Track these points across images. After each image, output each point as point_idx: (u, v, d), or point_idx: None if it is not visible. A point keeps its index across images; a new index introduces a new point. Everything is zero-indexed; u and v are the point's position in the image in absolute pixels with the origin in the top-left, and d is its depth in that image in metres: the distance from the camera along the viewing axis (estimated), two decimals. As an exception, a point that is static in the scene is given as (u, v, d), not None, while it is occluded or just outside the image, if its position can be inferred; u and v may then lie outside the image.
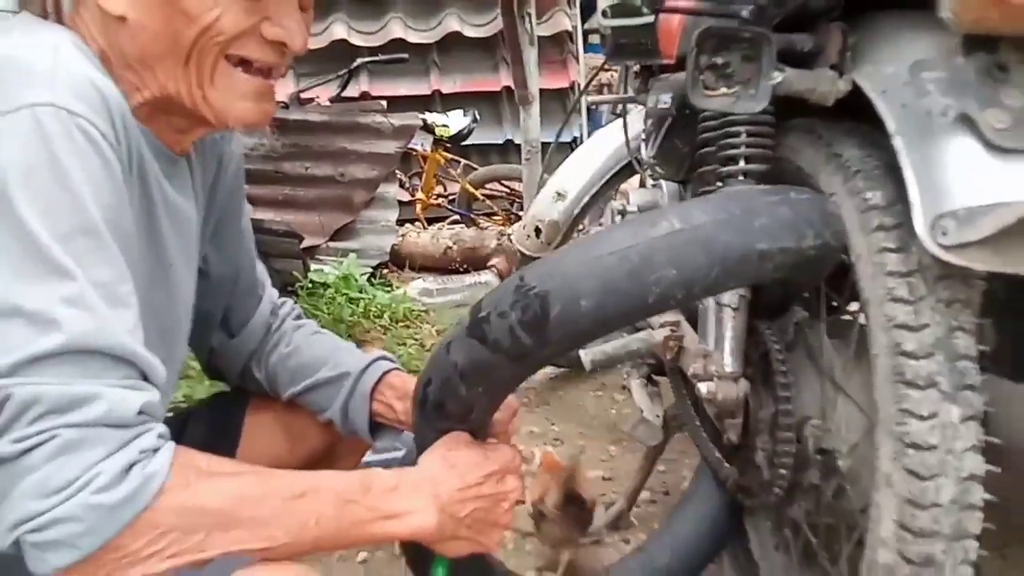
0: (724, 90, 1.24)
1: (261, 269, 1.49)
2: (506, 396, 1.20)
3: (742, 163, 1.35)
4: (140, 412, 0.88)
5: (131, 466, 0.85)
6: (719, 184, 1.37)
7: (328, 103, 5.55)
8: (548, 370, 3.20)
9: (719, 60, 1.24)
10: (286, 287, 3.73)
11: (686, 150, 1.62)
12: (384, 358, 1.44)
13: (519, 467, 1.19)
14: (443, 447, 1.17)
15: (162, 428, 0.92)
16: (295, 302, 1.54)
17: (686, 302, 1.20)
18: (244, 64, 1.08)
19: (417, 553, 1.33)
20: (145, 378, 0.92)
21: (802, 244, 1.12)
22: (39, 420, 0.82)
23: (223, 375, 1.52)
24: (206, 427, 1.46)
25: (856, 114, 1.24)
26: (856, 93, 1.21)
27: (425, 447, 1.20)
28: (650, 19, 1.87)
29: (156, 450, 0.89)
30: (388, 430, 1.45)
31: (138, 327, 0.93)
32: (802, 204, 1.18)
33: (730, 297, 1.45)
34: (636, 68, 2.36)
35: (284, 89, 6.71)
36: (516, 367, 1.12)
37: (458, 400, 1.15)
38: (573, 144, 4.16)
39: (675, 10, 1.41)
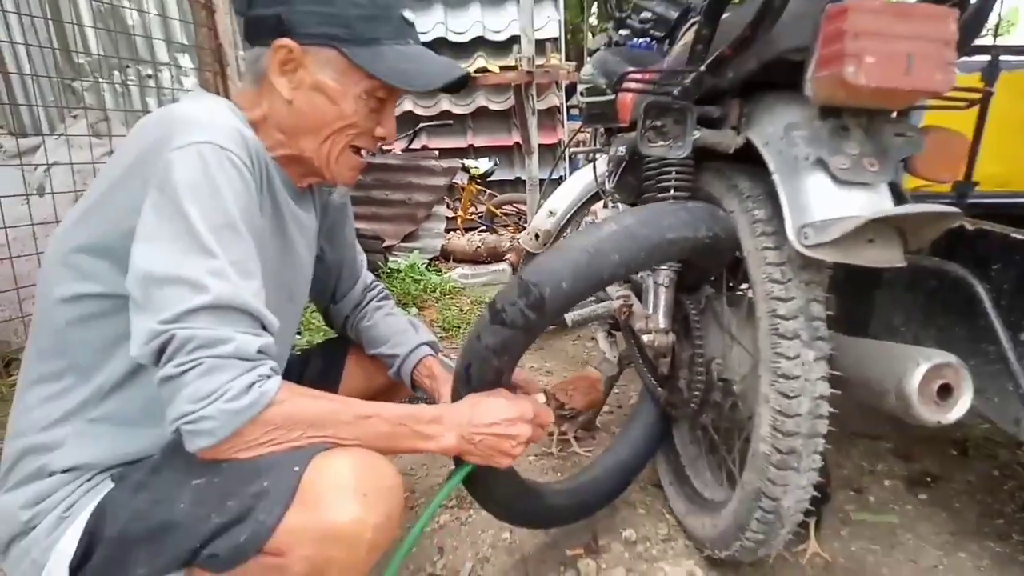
0: (661, 142, 1.23)
1: (362, 261, 1.47)
2: (520, 358, 1.18)
3: (672, 191, 1.34)
4: (259, 351, 0.89)
5: (251, 385, 0.86)
6: (657, 205, 1.36)
7: (400, 152, 5.54)
8: (543, 327, 3.19)
9: (658, 123, 1.22)
10: (374, 271, 3.74)
11: (635, 183, 1.60)
12: (425, 346, 1.38)
13: (532, 416, 1.13)
14: (478, 395, 1.15)
15: (274, 363, 0.92)
16: (379, 281, 1.52)
17: (627, 275, 1.23)
18: (355, 148, 1.10)
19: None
20: (264, 328, 0.92)
21: (697, 234, 1.15)
22: (193, 352, 0.83)
23: (332, 327, 1.51)
24: (322, 362, 1.47)
25: (747, 160, 1.23)
26: (748, 146, 1.20)
27: None
28: (612, 97, 1.87)
29: (269, 377, 0.89)
30: None
31: (261, 292, 0.93)
32: (697, 210, 1.20)
33: (663, 278, 1.45)
34: (602, 130, 2.35)
35: (371, 143, 6.71)
36: (527, 336, 1.12)
37: (493, 371, 1.13)
38: (560, 181, 4.16)
39: (629, 90, 1.39)
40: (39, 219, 2.58)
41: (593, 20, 12.17)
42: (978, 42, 1.32)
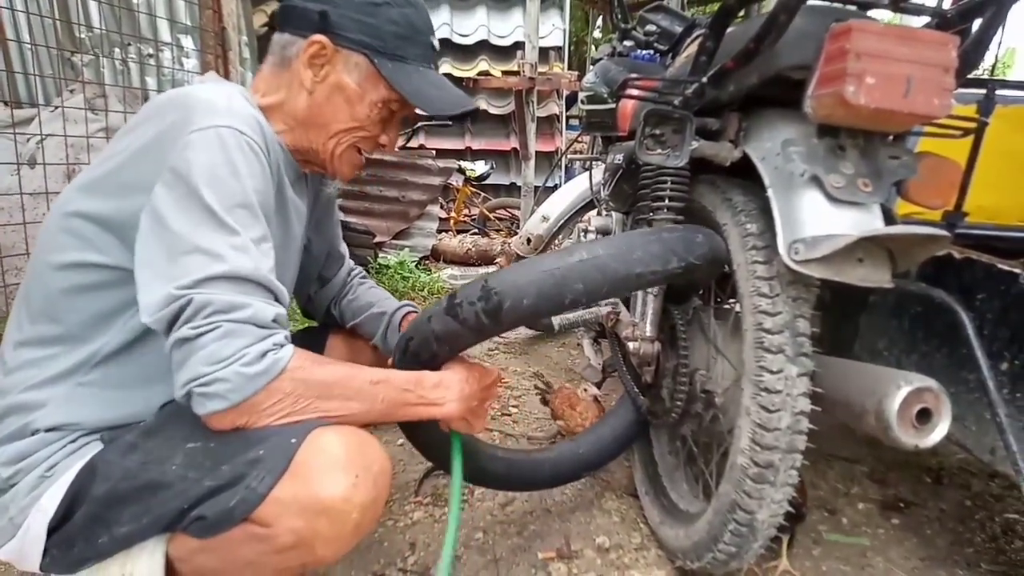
0: (659, 151, 1.23)
1: (344, 249, 1.50)
2: (459, 352, 1.21)
3: (667, 201, 1.34)
4: (274, 320, 0.91)
5: (266, 352, 0.88)
6: (650, 214, 1.36)
7: (397, 149, 5.53)
8: (528, 332, 3.19)
9: (657, 131, 1.23)
10: (363, 266, 3.73)
11: (630, 192, 1.61)
12: (408, 305, 1.45)
13: (498, 381, 1.24)
14: (458, 364, 1.18)
15: (287, 332, 0.94)
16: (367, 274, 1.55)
17: (588, 304, 1.25)
18: (356, 148, 1.15)
19: (425, 433, 1.36)
20: (277, 300, 0.94)
21: (667, 267, 1.13)
22: (210, 316, 0.85)
23: (312, 316, 1.53)
24: (300, 345, 1.46)
25: (742, 173, 1.24)
26: (743, 160, 1.21)
27: None
28: (612, 106, 1.87)
29: (283, 345, 0.91)
30: None
31: (274, 269, 0.95)
32: (672, 240, 1.16)
33: (654, 288, 1.45)
34: (601, 138, 2.35)
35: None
36: (474, 338, 1.15)
37: (429, 354, 1.16)
38: (554, 188, 4.16)
39: (630, 96, 1.39)
40: (28, 190, 2.55)
41: (597, 33, 12.25)
42: (975, 75, 1.35)
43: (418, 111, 1.13)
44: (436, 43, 1.14)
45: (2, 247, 2.49)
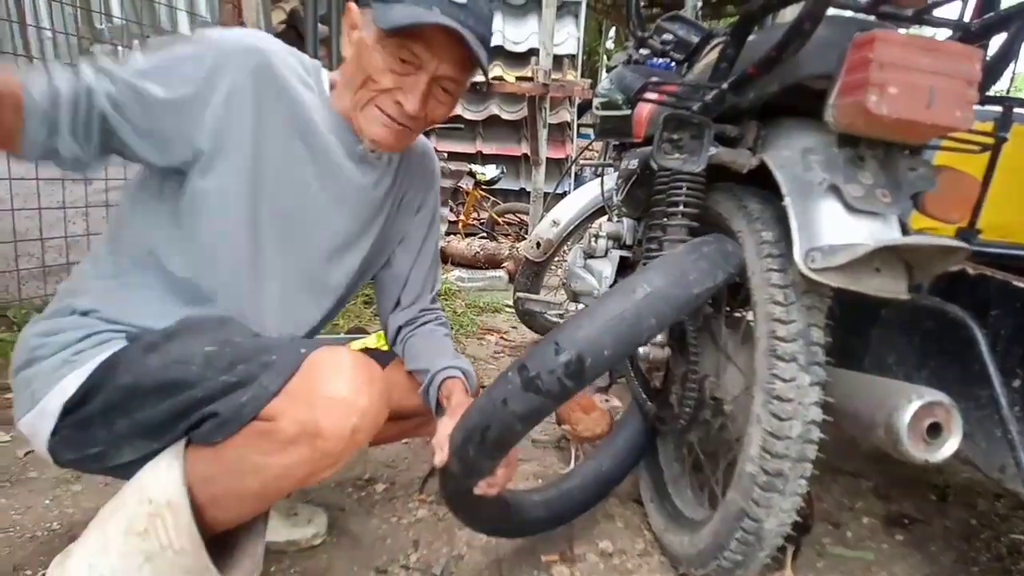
0: (677, 156, 1.23)
1: (433, 283, 1.45)
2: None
3: (681, 207, 1.34)
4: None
5: None
6: (665, 220, 1.36)
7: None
8: (534, 336, 3.19)
9: (675, 136, 1.23)
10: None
11: (643, 197, 1.61)
12: (451, 369, 1.29)
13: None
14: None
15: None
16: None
17: (661, 331, 1.26)
18: (378, 107, 1.13)
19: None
20: None
21: (716, 281, 1.13)
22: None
23: (387, 338, 1.46)
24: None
25: (758, 182, 1.23)
26: (760, 168, 1.20)
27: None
28: (627, 112, 1.87)
29: None
30: None
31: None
32: (711, 254, 1.17)
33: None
34: (613, 144, 2.35)
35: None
36: (558, 404, 1.10)
37: (514, 437, 1.10)
38: (564, 195, 4.15)
39: (650, 101, 1.39)
40: (44, 177, 2.56)
41: (610, 44, 12.28)
42: (992, 92, 1.35)
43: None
44: None
45: (17, 232, 2.50)
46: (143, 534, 0.93)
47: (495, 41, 7.20)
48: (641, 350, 1.45)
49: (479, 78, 1.23)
